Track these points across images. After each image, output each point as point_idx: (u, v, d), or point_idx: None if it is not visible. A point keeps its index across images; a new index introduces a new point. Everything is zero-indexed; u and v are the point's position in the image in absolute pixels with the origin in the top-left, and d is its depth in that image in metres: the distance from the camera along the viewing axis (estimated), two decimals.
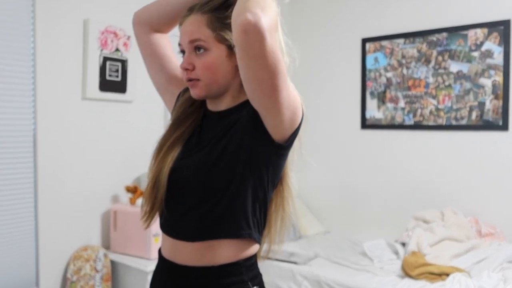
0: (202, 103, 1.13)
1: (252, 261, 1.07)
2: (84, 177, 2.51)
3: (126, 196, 2.57)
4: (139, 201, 2.49)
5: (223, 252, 1.01)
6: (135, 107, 2.74)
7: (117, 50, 2.59)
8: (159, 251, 1.13)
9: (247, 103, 1.00)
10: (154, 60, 1.19)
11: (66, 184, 2.43)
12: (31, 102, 2.29)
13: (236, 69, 0.99)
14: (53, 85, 2.36)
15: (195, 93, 1.04)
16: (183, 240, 1.04)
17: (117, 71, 2.61)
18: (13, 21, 2.19)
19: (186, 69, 1.02)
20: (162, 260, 1.10)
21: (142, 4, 1.90)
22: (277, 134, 0.97)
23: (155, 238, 2.40)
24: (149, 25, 1.17)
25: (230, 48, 0.99)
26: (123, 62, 2.63)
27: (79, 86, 2.48)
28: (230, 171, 0.99)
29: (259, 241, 1.07)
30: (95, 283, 2.40)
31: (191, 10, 1.03)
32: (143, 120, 2.78)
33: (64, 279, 2.41)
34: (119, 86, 2.63)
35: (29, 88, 2.27)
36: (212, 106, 1.10)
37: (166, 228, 1.08)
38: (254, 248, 1.07)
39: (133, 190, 2.55)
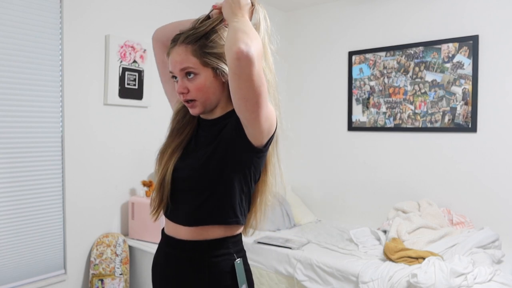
0: None
1: (237, 238, 1.12)
2: (105, 172, 2.51)
3: (142, 190, 2.57)
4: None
5: (214, 232, 1.07)
6: (150, 112, 2.74)
7: (134, 61, 2.60)
8: (163, 230, 1.19)
9: (233, 112, 1.04)
10: (166, 71, 1.22)
11: (90, 178, 2.44)
12: (59, 107, 2.29)
13: (223, 85, 1.06)
14: (79, 92, 2.36)
15: (194, 112, 1.08)
16: (182, 225, 1.09)
17: (134, 80, 2.61)
18: (43, 37, 2.19)
19: (182, 93, 1.05)
20: (165, 236, 1.16)
21: (154, 23, 1.90)
22: (257, 141, 1.01)
23: None
24: (162, 43, 1.21)
25: (215, 70, 1.03)
26: (140, 72, 2.64)
27: (101, 93, 2.48)
28: (219, 171, 1.03)
29: (243, 223, 1.12)
30: (115, 266, 2.40)
31: (175, 41, 1.05)
32: (157, 123, 2.78)
33: (88, 262, 2.42)
34: (136, 94, 2.63)
35: (57, 95, 2.28)
36: (205, 116, 1.14)
37: (170, 216, 1.14)
38: (239, 228, 1.12)
39: (148, 184, 2.56)
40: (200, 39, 1.03)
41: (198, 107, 1.07)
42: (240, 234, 1.15)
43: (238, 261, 1.09)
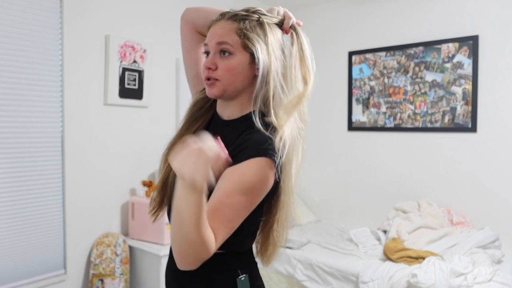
0: (211, 105, 1.06)
1: (242, 252, 1.02)
2: (105, 173, 2.51)
3: (142, 190, 2.57)
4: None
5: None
6: (150, 112, 2.74)
7: (134, 61, 2.59)
8: None
9: (248, 117, 0.96)
10: (191, 55, 1.15)
11: (90, 179, 2.43)
12: (60, 107, 2.29)
13: (253, 77, 0.96)
14: (79, 92, 2.36)
15: (212, 92, 0.97)
16: None
17: (134, 80, 2.61)
18: (44, 37, 2.19)
19: (208, 68, 0.95)
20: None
21: (154, 23, 1.88)
22: None
23: (167, 226, 2.40)
24: (194, 25, 1.12)
25: (253, 56, 0.94)
26: (140, 72, 2.63)
27: (101, 93, 2.48)
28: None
29: (246, 247, 1.02)
30: (115, 266, 2.40)
31: (222, 15, 0.98)
32: (157, 123, 2.78)
33: (88, 262, 2.41)
34: (136, 94, 2.63)
35: (57, 95, 2.28)
36: (220, 109, 1.03)
37: (171, 222, 1.05)
38: (245, 245, 1.01)
39: (148, 184, 2.56)
40: (250, 22, 0.95)
41: (218, 88, 0.95)
42: (249, 249, 1.04)
43: (242, 277, 0.98)
